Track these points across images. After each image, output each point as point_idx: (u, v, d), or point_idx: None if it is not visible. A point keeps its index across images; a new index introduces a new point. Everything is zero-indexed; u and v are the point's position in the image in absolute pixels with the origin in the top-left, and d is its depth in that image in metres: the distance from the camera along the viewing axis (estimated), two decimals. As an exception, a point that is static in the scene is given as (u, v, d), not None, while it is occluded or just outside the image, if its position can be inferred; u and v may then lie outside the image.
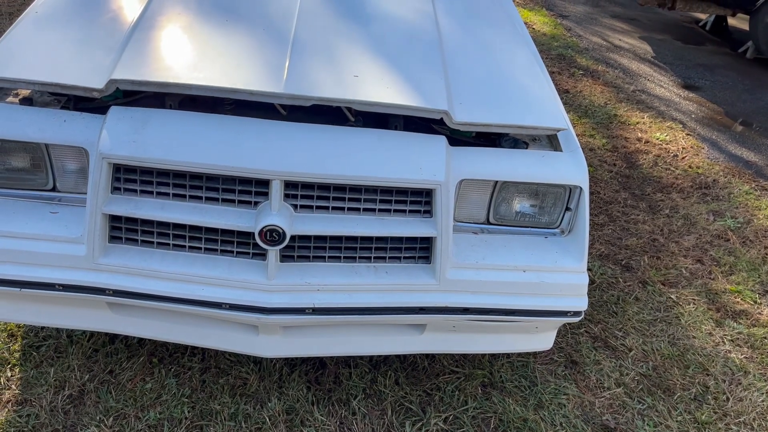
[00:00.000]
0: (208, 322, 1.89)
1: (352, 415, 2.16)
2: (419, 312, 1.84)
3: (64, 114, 1.73)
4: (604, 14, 7.46)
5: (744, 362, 2.61)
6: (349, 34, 2.06)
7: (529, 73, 2.12)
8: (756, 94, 5.66)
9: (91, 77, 1.70)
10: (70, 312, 1.90)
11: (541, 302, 1.88)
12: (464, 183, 1.83)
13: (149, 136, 1.66)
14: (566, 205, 1.92)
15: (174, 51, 1.84)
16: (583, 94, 5.12)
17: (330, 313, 1.80)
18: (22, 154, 1.74)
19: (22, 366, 2.19)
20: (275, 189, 1.68)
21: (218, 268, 1.75)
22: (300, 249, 1.79)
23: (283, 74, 1.76)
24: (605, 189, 3.82)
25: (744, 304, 2.97)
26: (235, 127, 1.71)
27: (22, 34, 1.88)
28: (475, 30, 2.32)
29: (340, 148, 1.71)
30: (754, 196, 3.92)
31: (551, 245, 1.93)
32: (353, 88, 1.77)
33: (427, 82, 1.87)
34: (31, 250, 1.71)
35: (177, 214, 1.70)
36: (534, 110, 1.92)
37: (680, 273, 3.12)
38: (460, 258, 1.83)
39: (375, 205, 1.77)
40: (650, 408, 2.34)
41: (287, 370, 2.28)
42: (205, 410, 2.11)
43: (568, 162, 1.88)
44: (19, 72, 1.70)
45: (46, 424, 2.01)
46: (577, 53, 6.00)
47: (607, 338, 2.64)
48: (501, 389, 2.33)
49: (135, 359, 2.25)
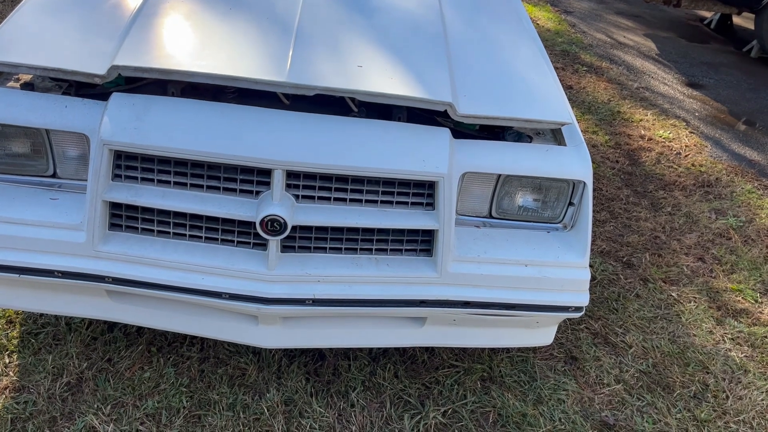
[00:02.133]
0: (208, 311, 1.89)
1: (350, 408, 2.15)
2: (420, 305, 1.83)
3: (65, 100, 1.71)
4: (609, 11, 7.43)
5: (744, 361, 2.61)
6: (354, 25, 2.04)
7: (534, 67, 2.10)
8: (760, 93, 5.64)
9: (93, 63, 1.69)
10: (69, 299, 1.89)
11: (543, 297, 1.87)
12: (467, 176, 1.81)
13: (151, 124, 1.65)
14: (569, 199, 1.91)
15: (177, 38, 1.82)
16: (587, 91, 5.10)
17: (330, 305, 1.79)
18: (22, 139, 1.73)
19: (20, 353, 2.18)
20: (277, 179, 1.67)
21: (218, 258, 1.74)
22: (301, 239, 1.78)
23: (287, 63, 1.74)
24: (607, 185, 3.80)
25: (745, 302, 2.96)
26: (237, 115, 1.69)
27: (24, 19, 1.86)
28: (481, 23, 2.31)
29: (343, 139, 1.70)
30: (757, 195, 3.91)
31: (554, 240, 1.92)
32: (357, 79, 1.75)
33: (431, 73, 1.86)
34: (30, 237, 1.70)
35: (178, 202, 1.69)
36: (538, 104, 1.90)
37: (681, 271, 3.11)
38: (462, 251, 1.82)
39: (377, 197, 1.76)
40: (649, 405, 2.34)
41: (286, 361, 2.28)
42: (203, 400, 2.11)
43: (572, 156, 1.87)
44: (20, 57, 1.68)
45: (43, 411, 2.00)
46: (581, 49, 5.97)
47: (607, 335, 2.63)
48: (500, 384, 2.32)
49: (134, 348, 2.25)
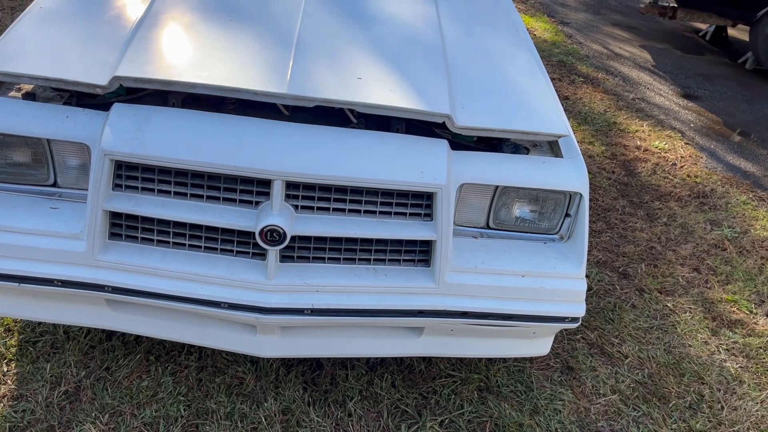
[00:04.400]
0: (206, 320, 1.89)
1: (348, 417, 2.16)
2: (417, 315, 1.84)
3: (66, 110, 1.72)
4: (605, 22, 7.48)
5: (739, 372, 2.62)
6: (353, 37, 2.06)
7: (532, 79, 2.12)
8: (755, 104, 5.68)
9: (95, 73, 1.70)
10: (68, 308, 1.90)
11: (539, 308, 1.88)
12: (465, 187, 1.83)
13: (152, 134, 1.66)
14: (566, 211, 1.92)
15: (178, 49, 1.84)
16: (583, 101, 5.14)
17: (328, 314, 1.80)
18: (23, 148, 1.74)
19: (19, 361, 2.18)
20: (276, 189, 1.68)
21: (218, 267, 1.75)
22: (300, 249, 1.79)
23: (287, 75, 1.76)
24: (604, 196, 3.83)
25: (740, 313, 2.98)
26: (237, 126, 1.71)
27: (26, 29, 1.88)
28: (479, 35, 2.33)
29: (342, 150, 1.72)
30: (752, 206, 3.94)
31: (550, 251, 1.93)
32: (356, 90, 1.77)
33: (429, 85, 1.88)
34: (30, 245, 1.71)
35: (178, 212, 1.70)
36: (536, 116, 1.92)
37: (677, 281, 3.13)
38: (460, 262, 1.84)
39: (376, 207, 1.77)
40: (645, 415, 2.35)
41: (284, 370, 2.28)
42: (201, 409, 2.11)
43: (568, 168, 1.89)
44: (22, 67, 1.70)
45: (41, 420, 2.00)
46: (578, 60, 6.01)
47: (603, 345, 2.64)
48: (497, 394, 2.33)
49: (132, 357, 2.25)
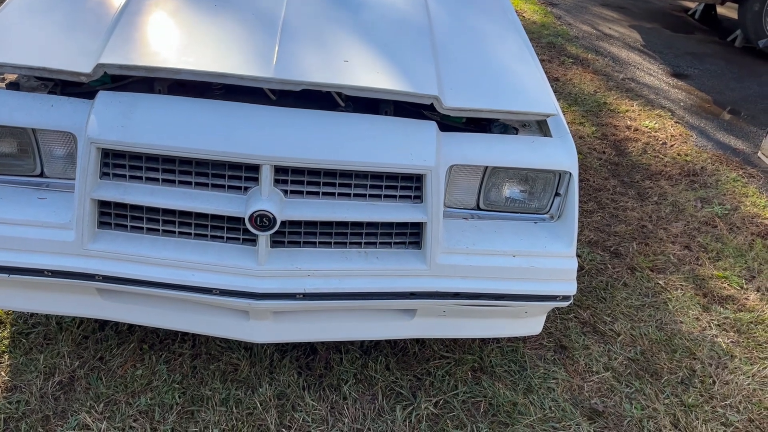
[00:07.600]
0: (199, 307, 1.89)
1: (343, 400, 2.17)
2: (410, 297, 1.85)
3: (51, 99, 1.71)
4: (594, 2, 7.46)
5: (730, 346, 2.65)
6: (339, 20, 2.05)
7: (520, 59, 2.12)
8: (744, 82, 5.69)
9: (79, 62, 1.68)
10: (59, 298, 1.89)
11: (531, 287, 1.89)
12: (454, 168, 1.83)
13: (138, 121, 1.65)
14: (556, 190, 1.93)
15: (162, 35, 1.82)
16: (573, 82, 5.13)
17: (320, 299, 1.80)
18: (8, 139, 1.72)
19: (11, 353, 2.18)
20: (265, 174, 1.67)
21: (208, 254, 1.75)
22: (290, 234, 1.79)
23: (273, 59, 1.75)
24: (594, 176, 3.84)
25: (731, 289, 3.00)
26: (224, 112, 1.70)
27: (9, 18, 1.85)
28: (466, 16, 2.32)
29: (330, 133, 1.71)
30: (741, 183, 3.96)
31: (541, 230, 1.94)
32: (343, 73, 1.76)
33: (417, 67, 1.87)
34: (18, 236, 1.70)
35: (166, 199, 1.70)
36: (524, 96, 1.92)
37: (668, 259, 3.15)
38: (451, 243, 1.84)
39: (365, 191, 1.77)
40: (638, 391, 2.37)
41: (278, 355, 2.29)
42: (196, 396, 2.12)
43: (557, 147, 1.89)
44: (5, 56, 1.68)
45: (36, 410, 2.01)
46: (567, 41, 6.00)
47: (595, 323, 2.66)
48: (491, 374, 2.34)
49: (125, 346, 2.25)
